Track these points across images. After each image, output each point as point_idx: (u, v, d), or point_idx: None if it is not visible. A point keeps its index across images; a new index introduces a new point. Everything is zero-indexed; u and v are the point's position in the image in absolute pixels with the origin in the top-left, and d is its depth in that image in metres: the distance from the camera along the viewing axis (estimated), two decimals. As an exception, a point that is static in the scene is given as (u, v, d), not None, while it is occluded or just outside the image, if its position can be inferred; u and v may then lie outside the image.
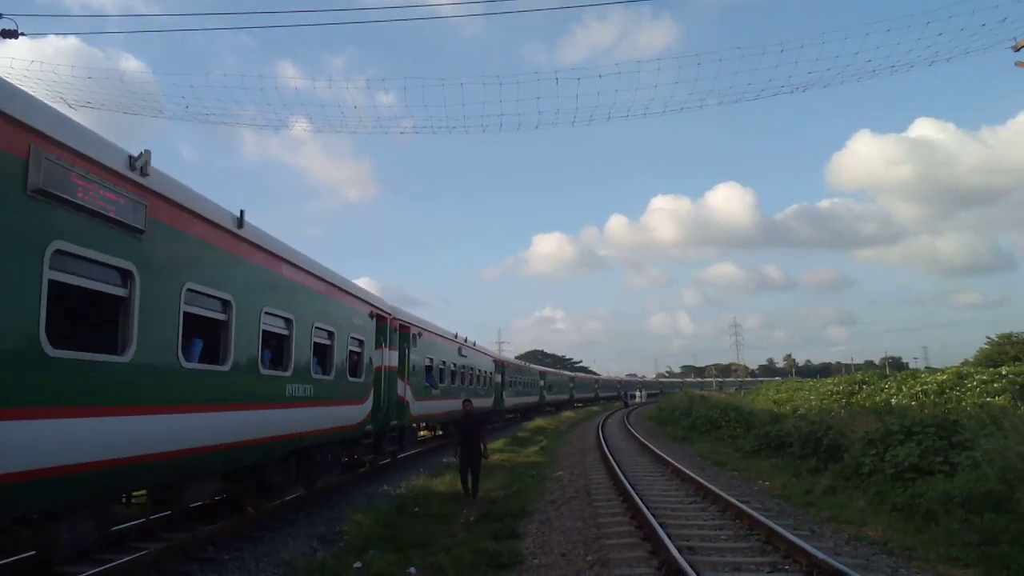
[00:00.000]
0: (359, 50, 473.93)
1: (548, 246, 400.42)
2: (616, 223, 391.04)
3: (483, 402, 32.88)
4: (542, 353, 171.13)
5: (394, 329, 18.37)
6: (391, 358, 17.97)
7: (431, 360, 22.89)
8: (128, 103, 19.70)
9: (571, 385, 75.86)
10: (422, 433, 27.42)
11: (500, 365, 40.22)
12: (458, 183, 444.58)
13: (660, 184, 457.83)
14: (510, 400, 42.69)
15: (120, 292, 7.20)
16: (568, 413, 59.10)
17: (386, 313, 17.68)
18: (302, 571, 8.98)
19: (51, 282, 6.20)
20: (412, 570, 9.22)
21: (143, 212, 7.49)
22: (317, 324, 12.56)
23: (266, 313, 10.54)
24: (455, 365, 27.01)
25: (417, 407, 20.61)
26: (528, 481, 17.60)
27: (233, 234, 9.72)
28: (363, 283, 14.84)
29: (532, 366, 59.45)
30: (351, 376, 14.55)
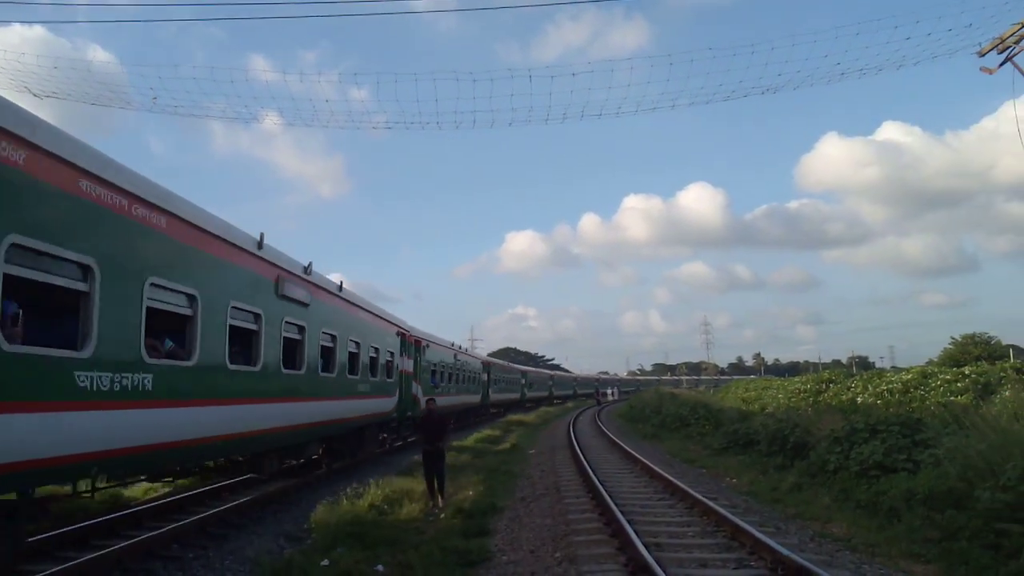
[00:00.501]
0: (332, 44, 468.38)
1: (521, 244, 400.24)
2: (589, 222, 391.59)
3: (472, 398, 39.02)
4: (515, 350, 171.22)
5: (410, 343, 23.85)
6: (408, 364, 23.37)
7: (435, 365, 28.71)
8: (95, 94, 19.37)
9: (550, 383, 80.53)
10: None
11: (487, 366, 45.78)
12: (431, 180, 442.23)
13: (632, 183, 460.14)
14: (495, 396, 47.48)
15: (300, 338, 13.16)
16: (546, 408, 63.72)
17: (406, 331, 23.36)
18: (268, 569, 8.89)
19: (284, 338, 12.28)
20: (380, 567, 9.18)
21: (309, 294, 13.55)
22: (372, 343, 18.55)
23: (350, 340, 16.37)
24: (451, 367, 32.79)
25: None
26: (499, 478, 17.60)
27: (337, 295, 15.75)
28: (335, 278, 15.47)
29: (514, 366, 65.67)
30: (387, 378, 20.26)
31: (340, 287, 15.82)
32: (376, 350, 18.96)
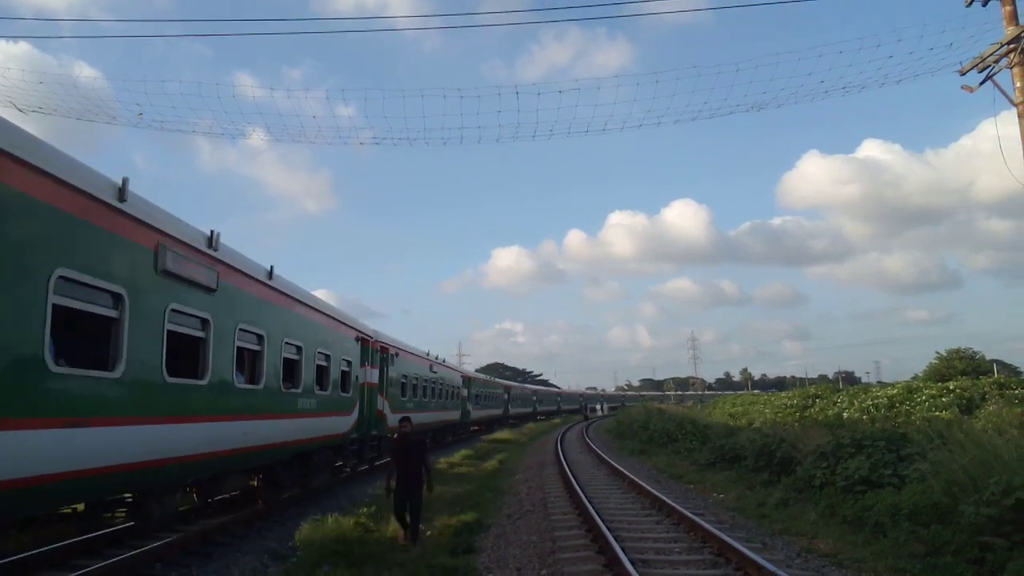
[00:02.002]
0: (318, 62, 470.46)
1: (507, 259, 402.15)
2: (574, 238, 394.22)
3: (497, 411, 56.74)
4: (502, 366, 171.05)
5: (467, 379, 43.08)
6: (465, 392, 41.37)
7: (476, 391, 46.95)
8: (81, 110, 19.29)
9: (558, 399, 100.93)
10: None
11: (506, 389, 64.14)
12: (418, 196, 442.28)
13: (617, 200, 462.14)
14: (513, 410, 65.16)
15: (435, 386, 31.84)
16: (555, 420, 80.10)
17: (464, 373, 42.90)
18: (252, 588, 8.81)
19: (432, 387, 31.11)
20: (365, 586, 9.12)
21: (438, 368, 32.85)
22: (453, 384, 37.00)
23: (448, 383, 35.43)
24: (486, 391, 51.78)
25: (474, 414, 45.62)
26: (486, 494, 17.54)
27: (444, 365, 34.67)
28: (322, 294, 16.37)
29: (527, 386, 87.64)
30: (456, 400, 37.20)
31: (444, 360, 33.91)
32: (455, 387, 37.53)
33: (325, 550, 10.61)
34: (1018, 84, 14.47)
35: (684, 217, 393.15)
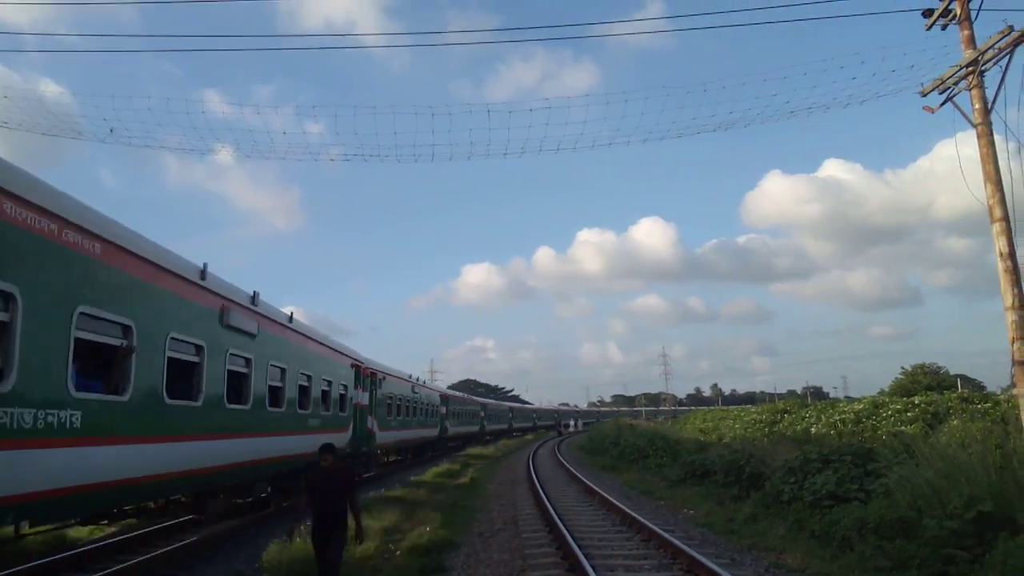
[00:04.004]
0: (288, 80, 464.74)
1: (477, 276, 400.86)
2: (544, 255, 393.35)
3: (502, 426, 73.26)
4: (475, 382, 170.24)
5: (484, 405, 65.77)
6: (481, 414, 62.69)
7: (490, 412, 66.61)
8: (47, 125, 19.01)
9: (555, 416, 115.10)
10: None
11: (511, 411, 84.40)
12: (387, 213, 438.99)
13: (586, 218, 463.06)
14: (516, 425, 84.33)
15: (480, 413, 63.09)
16: (546, 432, 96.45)
17: (481, 400, 67.12)
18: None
19: (473, 413, 59.81)
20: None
21: (483, 404, 68.26)
22: (470, 409, 57.79)
23: (469, 410, 56.47)
24: (496, 411, 69.27)
25: (487, 428, 64.87)
26: (457, 513, 17.43)
27: (469, 396, 65.62)
28: (286, 310, 15.68)
29: (527, 406, 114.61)
30: (475, 419, 59.24)
31: (467, 395, 61.42)
32: (474, 411, 58.00)
33: (292, 572, 10.47)
34: (977, 106, 14.82)
35: (652, 235, 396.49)
